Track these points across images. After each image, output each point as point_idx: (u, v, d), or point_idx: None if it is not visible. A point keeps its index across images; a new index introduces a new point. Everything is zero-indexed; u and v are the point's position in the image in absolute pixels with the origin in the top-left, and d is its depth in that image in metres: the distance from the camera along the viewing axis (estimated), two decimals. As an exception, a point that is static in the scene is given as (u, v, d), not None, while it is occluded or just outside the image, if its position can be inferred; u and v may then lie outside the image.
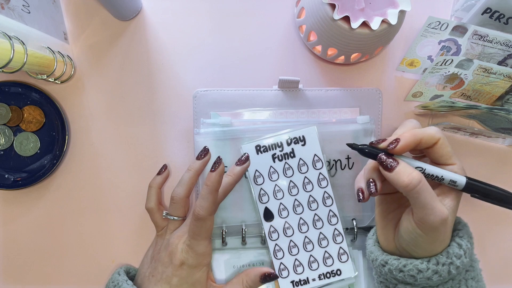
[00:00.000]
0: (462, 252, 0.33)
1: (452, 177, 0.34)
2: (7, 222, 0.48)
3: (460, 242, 0.34)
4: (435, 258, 0.34)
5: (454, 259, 0.33)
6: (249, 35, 0.47)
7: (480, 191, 0.34)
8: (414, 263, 0.34)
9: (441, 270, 0.33)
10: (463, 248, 0.34)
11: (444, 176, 0.34)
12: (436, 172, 0.34)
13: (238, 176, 0.41)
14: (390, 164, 0.33)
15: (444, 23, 0.41)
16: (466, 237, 0.35)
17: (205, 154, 0.41)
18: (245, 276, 0.41)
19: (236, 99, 0.45)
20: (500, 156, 0.47)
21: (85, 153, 0.47)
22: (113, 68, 0.47)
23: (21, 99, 0.46)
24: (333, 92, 0.46)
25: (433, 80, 0.44)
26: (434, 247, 0.34)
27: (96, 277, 0.47)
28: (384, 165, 0.33)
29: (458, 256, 0.33)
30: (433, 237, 0.33)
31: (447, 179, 0.34)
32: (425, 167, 0.34)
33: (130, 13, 0.46)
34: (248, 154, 0.42)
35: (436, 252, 0.34)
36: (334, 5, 0.38)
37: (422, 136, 0.33)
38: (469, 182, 0.33)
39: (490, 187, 0.34)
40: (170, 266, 0.39)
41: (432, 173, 0.34)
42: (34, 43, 0.40)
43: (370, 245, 0.40)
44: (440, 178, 0.34)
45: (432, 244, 0.34)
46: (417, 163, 0.34)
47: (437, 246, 0.34)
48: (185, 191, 0.41)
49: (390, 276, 0.36)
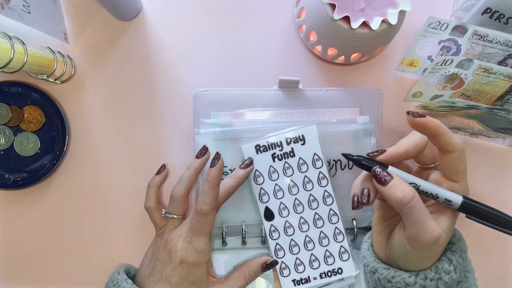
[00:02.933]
0: (452, 268, 0.32)
1: (447, 195, 0.32)
2: (7, 222, 0.48)
3: (451, 257, 0.33)
4: (423, 273, 0.33)
5: (443, 274, 0.32)
6: (249, 35, 0.47)
7: (477, 212, 0.32)
8: (402, 276, 0.33)
9: (428, 285, 0.32)
10: (454, 264, 0.33)
11: (438, 194, 0.32)
12: (430, 189, 0.32)
13: (241, 179, 0.41)
14: (384, 178, 0.32)
15: (444, 23, 0.41)
16: (458, 251, 0.33)
17: (204, 152, 0.42)
18: (247, 268, 0.41)
19: (236, 99, 0.45)
20: (500, 156, 0.48)
21: (85, 153, 0.47)
22: (113, 68, 0.47)
23: (21, 99, 0.46)
24: (333, 92, 0.46)
25: (433, 80, 0.44)
26: (424, 263, 0.33)
27: (96, 277, 0.47)
28: (378, 179, 0.32)
29: (447, 272, 0.32)
30: (424, 254, 0.32)
31: (442, 197, 0.32)
32: (420, 183, 0.33)
33: (130, 13, 0.46)
34: (252, 158, 0.42)
35: (425, 266, 0.33)
36: (334, 5, 0.38)
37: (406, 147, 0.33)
38: (465, 202, 0.32)
39: (488, 209, 0.32)
40: (170, 265, 0.39)
41: (426, 190, 0.33)
42: (34, 43, 0.40)
43: (364, 249, 0.40)
44: (435, 196, 0.33)
45: (422, 260, 0.33)
46: (412, 179, 0.33)
47: (428, 262, 0.33)
48: (184, 189, 0.41)
49: (379, 283, 0.36)
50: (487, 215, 0.32)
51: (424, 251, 0.32)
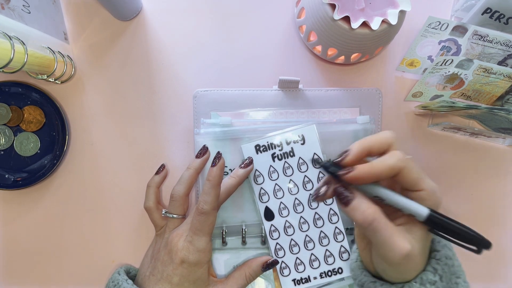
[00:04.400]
0: (437, 278, 0.31)
1: (412, 209, 0.30)
2: (7, 222, 0.48)
3: (436, 266, 0.32)
4: (408, 286, 0.31)
5: (428, 286, 0.31)
6: (249, 35, 0.47)
7: (442, 226, 0.30)
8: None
9: None
10: (439, 273, 0.31)
11: (403, 207, 0.30)
12: (395, 203, 0.30)
13: (241, 178, 0.42)
14: (345, 198, 0.30)
15: (444, 23, 0.41)
16: (443, 259, 0.32)
17: (204, 152, 0.42)
18: (247, 268, 0.41)
19: (236, 99, 0.45)
20: (500, 156, 0.48)
21: (85, 153, 0.47)
22: (113, 68, 0.47)
23: (21, 99, 0.46)
24: (333, 92, 0.46)
25: (433, 80, 0.44)
26: (406, 275, 0.32)
27: (96, 277, 0.47)
28: (340, 199, 0.31)
29: (432, 283, 0.31)
30: (401, 269, 0.31)
31: (407, 211, 0.30)
32: (385, 197, 0.31)
33: (130, 13, 0.46)
34: (252, 158, 0.42)
35: (410, 277, 0.32)
36: (334, 5, 0.38)
37: (370, 143, 0.31)
38: (432, 215, 0.29)
39: (456, 223, 0.29)
40: (170, 265, 0.39)
41: (391, 203, 0.31)
42: (34, 43, 0.40)
43: (352, 261, 0.39)
44: (400, 209, 0.31)
45: (403, 274, 0.32)
46: (377, 191, 0.31)
47: (410, 274, 0.32)
48: (184, 189, 0.41)
49: None
50: (454, 230, 0.29)
51: (399, 267, 0.31)
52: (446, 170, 0.47)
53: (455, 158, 0.47)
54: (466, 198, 0.47)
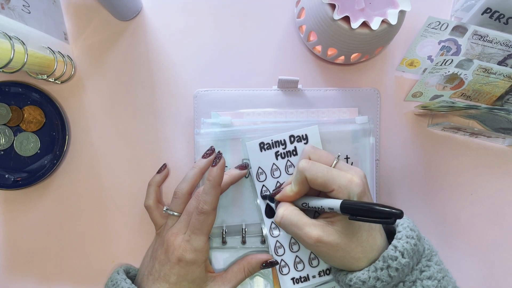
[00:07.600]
0: (398, 254, 0.33)
1: (328, 205, 0.35)
2: (7, 222, 0.48)
3: (396, 244, 0.34)
4: (373, 265, 0.34)
5: (390, 261, 0.33)
6: (249, 35, 0.47)
7: (356, 210, 0.32)
8: (357, 275, 0.34)
9: (381, 276, 0.33)
10: (399, 250, 0.33)
11: (323, 206, 0.35)
12: (316, 205, 0.36)
13: (234, 177, 0.42)
14: (274, 207, 0.41)
15: (444, 23, 0.41)
16: (404, 238, 0.34)
17: (211, 153, 0.42)
18: (247, 264, 0.42)
19: (236, 99, 0.45)
20: (500, 156, 0.48)
21: (85, 153, 0.47)
22: (113, 68, 0.47)
23: (21, 99, 0.46)
24: (331, 92, 0.46)
25: (433, 80, 0.44)
26: (354, 261, 0.35)
27: (96, 277, 0.47)
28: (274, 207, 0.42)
29: (393, 259, 0.33)
30: (323, 254, 0.35)
31: (326, 208, 0.35)
32: (308, 202, 0.37)
33: (130, 13, 0.46)
34: (248, 163, 0.43)
35: (361, 265, 0.35)
36: (334, 5, 0.38)
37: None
38: (343, 204, 0.33)
39: (367, 204, 0.31)
40: (167, 264, 0.39)
41: (313, 206, 0.37)
42: (34, 43, 0.40)
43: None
44: (322, 210, 0.36)
45: (344, 259, 0.35)
46: (305, 199, 0.38)
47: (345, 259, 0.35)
48: (188, 187, 0.41)
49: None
50: (364, 210, 0.31)
51: (321, 253, 0.36)
52: (446, 170, 0.47)
53: (455, 158, 0.47)
54: (466, 198, 0.47)
